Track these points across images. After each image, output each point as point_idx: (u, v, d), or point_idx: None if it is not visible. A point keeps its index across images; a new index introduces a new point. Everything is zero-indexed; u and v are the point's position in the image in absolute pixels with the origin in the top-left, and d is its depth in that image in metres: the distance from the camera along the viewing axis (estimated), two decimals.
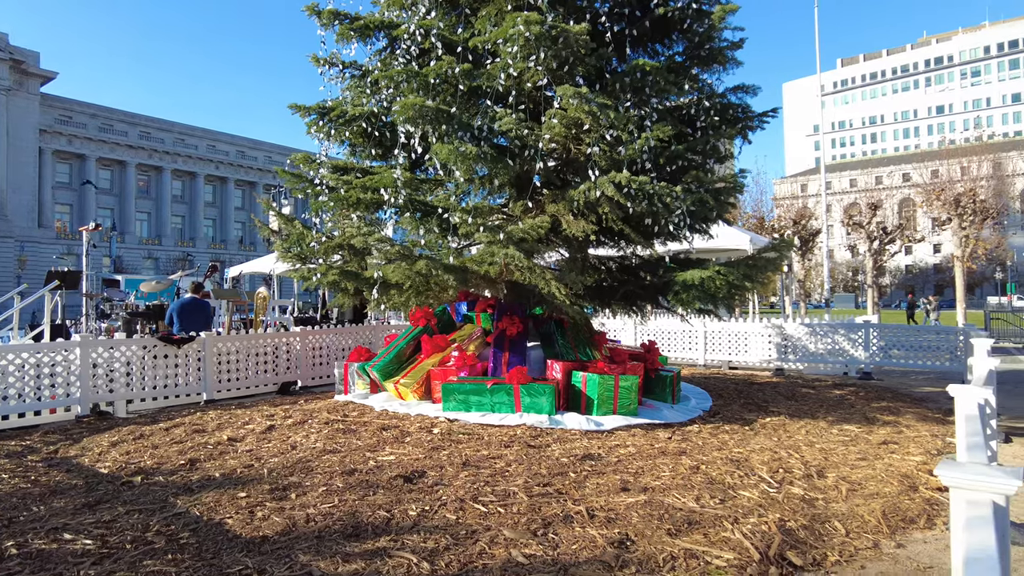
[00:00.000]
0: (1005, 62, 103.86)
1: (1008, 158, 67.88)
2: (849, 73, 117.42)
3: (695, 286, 6.83)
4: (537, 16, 6.17)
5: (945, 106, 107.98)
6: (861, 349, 11.75)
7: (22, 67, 50.42)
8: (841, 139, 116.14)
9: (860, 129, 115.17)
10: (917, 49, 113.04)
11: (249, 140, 69.00)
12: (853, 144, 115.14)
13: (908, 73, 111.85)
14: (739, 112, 8.06)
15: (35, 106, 51.86)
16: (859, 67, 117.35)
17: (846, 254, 75.14)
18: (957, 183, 36.18)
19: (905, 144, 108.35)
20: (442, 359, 7.65)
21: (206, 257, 62.60)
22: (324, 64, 8.21)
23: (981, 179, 40.25)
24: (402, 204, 7.11)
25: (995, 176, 49.57)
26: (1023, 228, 59.68)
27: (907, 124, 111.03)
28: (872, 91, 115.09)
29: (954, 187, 31.21)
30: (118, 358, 8.06)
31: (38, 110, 52.10)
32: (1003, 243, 53.66)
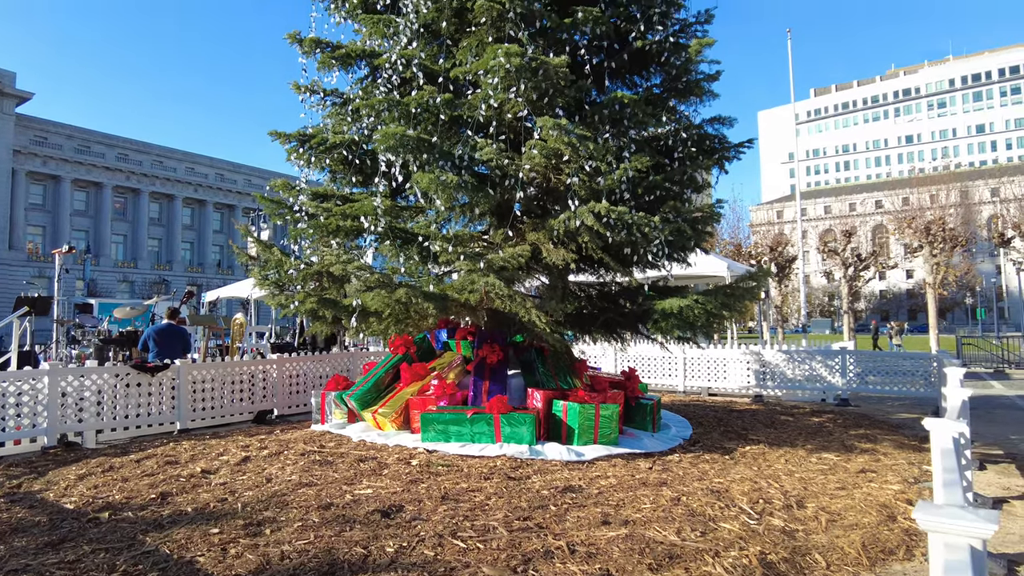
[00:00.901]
0: (969, 94, 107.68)
1: (975, 187, 69.97)
2: (822, 103, 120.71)
3: (674, 314, 6.88)
4: (517, 48, 6.26)
5: (914, 136, 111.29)
6: (838, 375, 11.88)
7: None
8: (815, 167, 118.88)
9: (833, 157, 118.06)
10: (886, 81, 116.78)
11: (229, 163, 68.59)
12: (827, 172, 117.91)
13: (878, 104, 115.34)
14: (716, 143, 8.21)
15: (9, 127, 51.15)
16: (831, 97, 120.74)
17: (822, 280, 76.37)
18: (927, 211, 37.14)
19: (877, 172, 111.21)
20: (421, 388, 7.57)
21: (183, 281, 61.72)
22: (305, 92, 8.23)
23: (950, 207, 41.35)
24: (382, 232, 7.09)
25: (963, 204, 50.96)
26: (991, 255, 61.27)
27: (878, 153, 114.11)
28: (845, 120, 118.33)
29: (924, 215, 32.01)
30: (89, 387, 7.85)
31: (12, 131, 51.38)
32: (972, 270, 54.97)
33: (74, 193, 56.59)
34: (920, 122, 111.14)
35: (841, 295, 32.13)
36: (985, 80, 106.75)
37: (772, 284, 29.03)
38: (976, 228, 52.87)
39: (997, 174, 74.96)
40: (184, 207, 64.86)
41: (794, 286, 38.77)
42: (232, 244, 9.72)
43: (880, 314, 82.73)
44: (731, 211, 44.82)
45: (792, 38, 27.44)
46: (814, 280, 77.33)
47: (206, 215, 66.38)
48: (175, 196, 63.22)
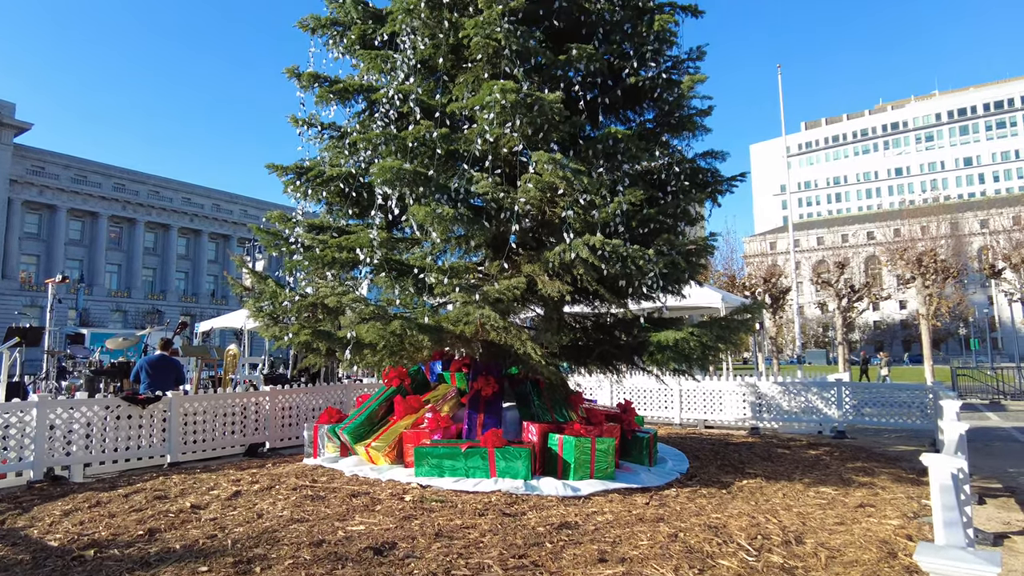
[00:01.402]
0: (956, 128, 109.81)
1: (964, 219, 70.87)
2: (813, 136, 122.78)
3: (669, 347, 6.87)
4: (513, 84, 6.37)
5: (903, 168, 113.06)
6: (834, 408, 11.83)
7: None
8: (807, 198, 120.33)
9: (825, 189, 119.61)
10: (875, 115, 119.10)
11: (225, 193, 68.85)
12: (819, 203, 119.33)
13: (867, 137, 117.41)
14: (708, 176, 8.32)
15: (7, 156, 51.40)
16: (822, 130, 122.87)
17: (816, 311, 76.66)
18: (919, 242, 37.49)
19: (868, 204, 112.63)
20: (415, 421, 7.50)
21: (177, 311, 61.41)
22: (303, 125, 8.33)
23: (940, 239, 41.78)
24: (378, 264, 7.11)
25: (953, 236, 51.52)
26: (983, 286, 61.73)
27: (869, 185, 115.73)
28: (835, 153, 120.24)
29: (916, 247, 32.31)
30: (78, 419, 7.74)
31: (10, 160, 51.62)
32: (964, 300, 55.31)
33: (69, 222, 56.61)
34: (909, 155, 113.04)
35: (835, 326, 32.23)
36: (971, 114, 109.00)
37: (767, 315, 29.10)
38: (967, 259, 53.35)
39: (985, 206, 76.03)
40: (179, 237, 64.90)
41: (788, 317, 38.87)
42: (227, 275, 9.72)
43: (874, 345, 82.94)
44: (724, 243, 45.10)
45: (782, 73, 27.99)
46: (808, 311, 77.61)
47: (201, 245, 66.40)
48: (171, 226, 63.30)
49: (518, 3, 6.64)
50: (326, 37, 8.68)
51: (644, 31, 7.64)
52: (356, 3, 8.54)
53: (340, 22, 8.67)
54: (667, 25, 7.47)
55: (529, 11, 7.37)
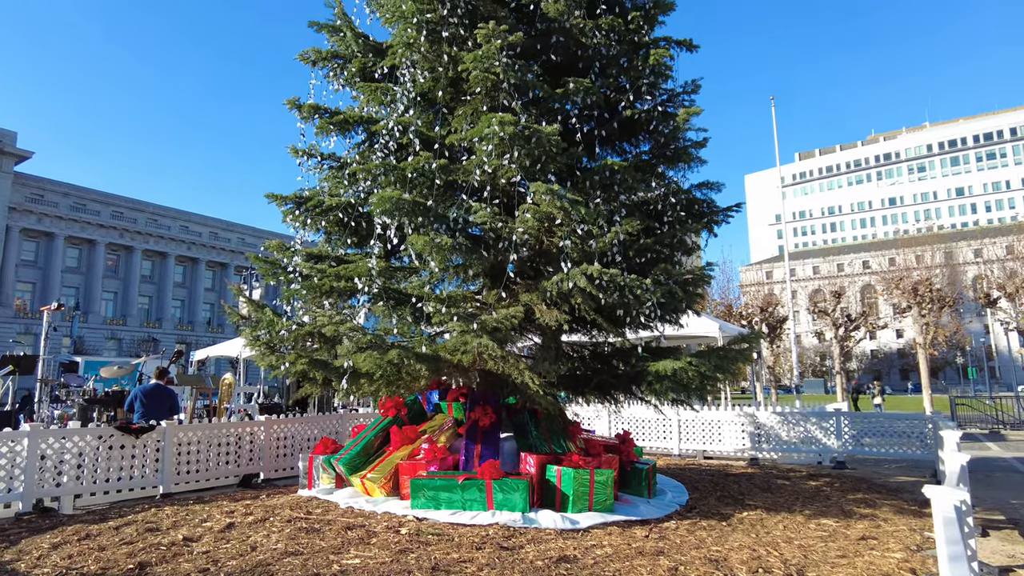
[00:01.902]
0: (947, 159, 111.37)
1: (958, 248, 71.37)
2: (807, 166, 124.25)
3: (668, 377, 6.85)
4: (511, 117, 6.47)
5: (896, 198, 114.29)
6: (833, 438, 11.76)
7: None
8: (803, 228, 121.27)
9: (820, 219, 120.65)
10: (867, 146, 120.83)
11: (222, 222, 69.08)
12: (814, 233, 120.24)
13: (861, 167, 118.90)
14: (704, 207, 8.40)
15: (7, 185, 51.65)
16: (815, 161, 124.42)
17: (813, 340, 76.61)
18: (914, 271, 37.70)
19: (863, 233, 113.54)
20: (412, 452, 7.43)
21: (172, 339, 61.13)
22: (303, 155, 8.40)
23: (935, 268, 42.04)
24: (376, 293, 7.12)
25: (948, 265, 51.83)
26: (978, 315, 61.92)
27: (863, 215, 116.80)
28: (829, 183, 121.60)
29: (911, 276, 32.47)
30: (70, 449, 7.64)
31: (10, 188, 51.86)
32: (961, 329, 55.38)
33: (67, 250, 56.66)
34: (902, 185, 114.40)
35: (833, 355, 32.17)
36: (961, 146, 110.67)
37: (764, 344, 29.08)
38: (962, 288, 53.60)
39: (979, 235, 76.70)
40: (176, 265, 64.92)
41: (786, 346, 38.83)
42: (224, 304, 9.70)
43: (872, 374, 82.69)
44: (721, 272, 45.36)
45: (776, 104, 28.48)
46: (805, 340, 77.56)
47: (198, 273, 66.40)
48: (168, 254, 63.37)
49: (516, 38, 6.77)
50: (327, 69, 8.82)
51: (640, 65, 7.79)
52: (357, 37, 8.71)
53: (341, 55, 8.83)
54: (662, 59, 7.62)
55: (527, 46, 7.53)
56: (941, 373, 71.37)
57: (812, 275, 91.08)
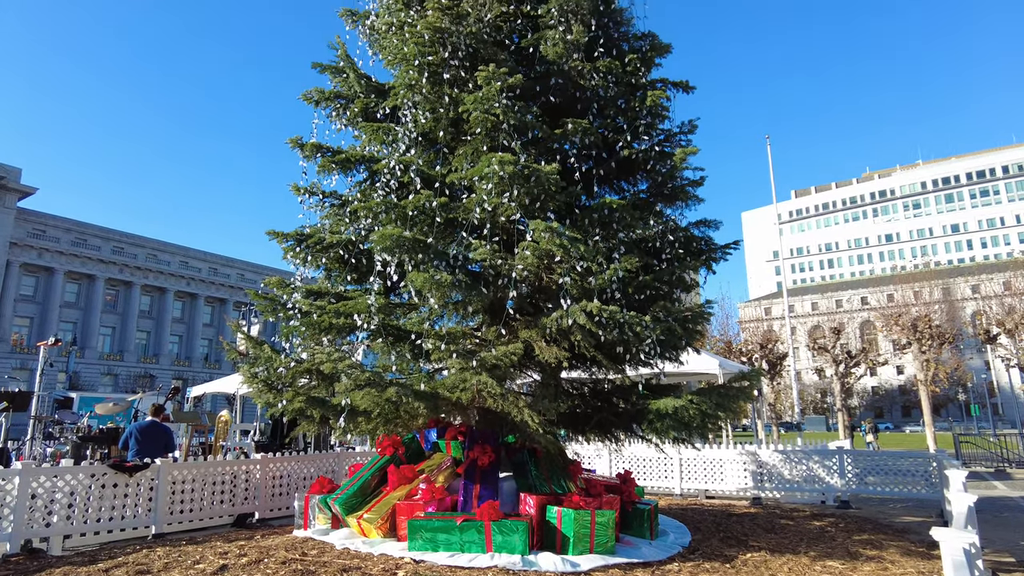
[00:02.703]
0: (941, 196, 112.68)
1: (955, 284, 71.65)
2: (803, 203, 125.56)
3: (669, 415, 6.80)
4: (511, 157, 6.56)
5: (893, 235, 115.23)
6: (837, 476, 11.60)
7: (2, 182, 51.04)
8: (800, 264, 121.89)
9: (817, 255, 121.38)
10: (863, 183, 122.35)
11: (222, 257, 69.33)
12: (811, 269, 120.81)
13: (856, 204, 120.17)
14: (702, 244, 8.46)
15: (10, 220, 51.98)
16: (812, 198, 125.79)
17: (814, 376, 76.26)
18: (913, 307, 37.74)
19: (860, 269, 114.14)
20: (409, 492, 7.31)
21: (169, 374, 60.75)
22: (304, 193, 8.49)
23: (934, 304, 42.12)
24: (375, 329, 7.11)
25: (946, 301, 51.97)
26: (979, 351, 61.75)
27: (860, 251, 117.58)
28: (826, 220, 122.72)
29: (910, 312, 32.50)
30: (61, 487, 7.51)
31: (12, 224, 52.17)
32: (962, 366, 55.20)
33: (66, 284, 56.69)
34: (898, 222, 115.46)
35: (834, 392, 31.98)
36: (955, 183, 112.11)
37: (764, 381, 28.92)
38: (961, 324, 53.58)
39: (976, 271, 77.05)
40: (175, 300, 64.91)
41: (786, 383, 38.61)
42: (223, 340, 9.66)
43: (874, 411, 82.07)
44: (720, 308, 45.39)
45: (771, 143, 28.92)
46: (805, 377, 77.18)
47: (197, 308, 66.33)
48: (167, 289, 63.41)
49: (516, 80, 6.92)
50: (329, 109, 8.98)
51: (637, 106, 7.95)
52: (359, 78, 8.90)
53: (343, 95, 8.99)
54: (659, 101, 7.77)
55: (526, 87, 7.68)
56: (943, 410, 70.82)
57: (811, 311, 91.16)
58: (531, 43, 8.05)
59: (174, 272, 63.80)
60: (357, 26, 9.43)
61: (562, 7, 7.67)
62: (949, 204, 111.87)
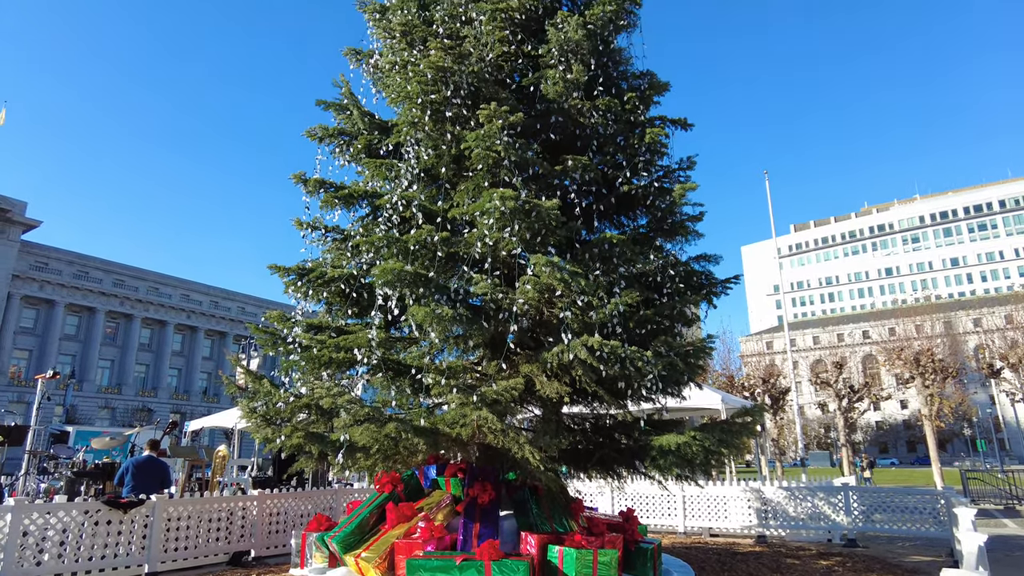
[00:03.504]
0: (940, 230, 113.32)
1: (957, 317, 71.49)
2: (802, 237, 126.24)
3: (671, 451, 6.72)
4: (512, 192, 6.62)
5: (893, 268, 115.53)
6: (843, 514, 11.40)
7: (7, 215, 51.44)
8: (801, 298, 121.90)
9: (817, 289, 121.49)
10: (861, 217, 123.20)
11: (223, 290, 69.41)
12: (812, 303, 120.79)
13: (856, 238, 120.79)
14: (703, 279, 8.48)
15: (13, 253, 52.22)
16: (811, 232, 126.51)
17: (817, 411, 75.57)
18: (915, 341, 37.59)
19: (861, 303, 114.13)
20: (408, 530, 7.18)
21: (167, 408, 60.31)
22: (307, 228, 8.55)
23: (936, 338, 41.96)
24: (375, 364, 7.07)
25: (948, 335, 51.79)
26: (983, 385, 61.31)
27: (860, 285, 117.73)
28: (826, 254, 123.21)
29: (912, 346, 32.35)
30: (54, 525, 7.40)
31: (15, 256, 52.40)
32: (966, 400, 54.74)
33: (66, 317, 56.66)
34: (897, 256, 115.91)
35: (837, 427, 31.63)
36: (952, 217, 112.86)
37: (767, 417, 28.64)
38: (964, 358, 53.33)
39: (976, 305, 77.00)
40: (175, 333, 64.78)
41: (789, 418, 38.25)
42: (222, 374, 9.62)
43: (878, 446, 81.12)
44: (721, 342, 45.14)
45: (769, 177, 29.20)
46: (809, 412, 76.51)
47: (196, 342, 66.15)
48: (167, 322, 63.33)
49: (517, 118, 7.03)
50: (333, 146, 9.10)
51: (636, 143, 8.05)
52: (363, 115, 9.04)
53: (347, 132, 9.13)
54: (658, 138, 7.88)
55: (527, 125, 7.80)
56: (949, 445, 69.98)
57: (812, 345, 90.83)
58: (532, 82, 8.20)
59: (175, 305, 63.80)
60: (361, 64, 9.62)
61: (562, 47, 7.83)
62: (948, 238, 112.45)
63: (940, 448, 30.99)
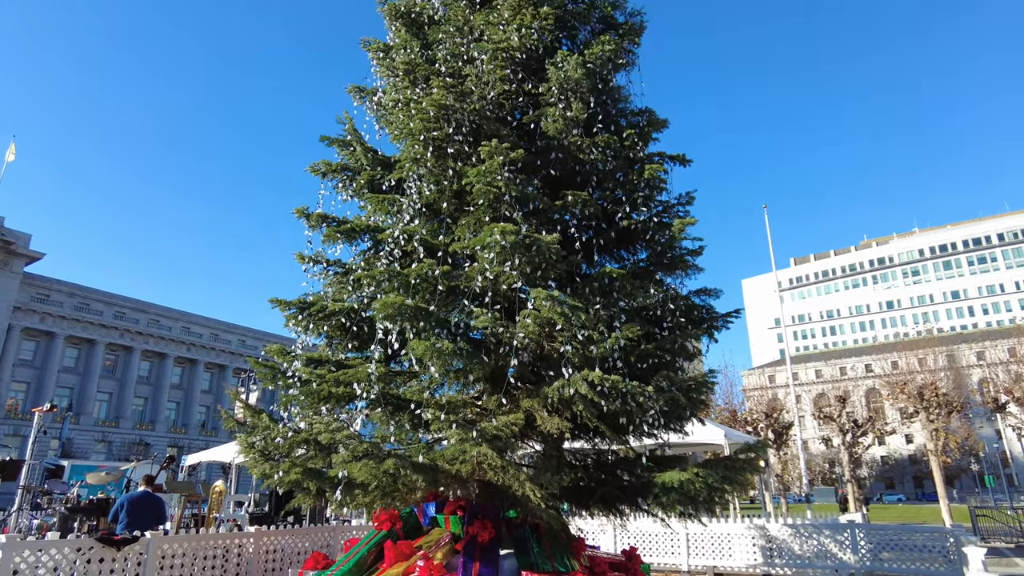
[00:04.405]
0: (940, 263, 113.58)
1: (959, 351, 71.14)
2: (803, 271, 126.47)
3: (675, 488, 6.64)
4: (512, 227, 6.68)
5: (894, 301, 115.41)
6: (849, 552, 11.18)
7: (11, 248, 51.72)
8: (802, 332, 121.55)
9: (819, 322, 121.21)
10: (861, 250, 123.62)
11: (224, 323, 69.29)
12: (814, 336, 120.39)
13: (856, 272, 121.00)
14: (704, 313, 8.49)
15: (15, 285, 52.34)
16: (811, 265, 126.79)
17: (821, 446, 74.62)
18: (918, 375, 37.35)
19: (863, 336, 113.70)
20: (406, 569, 7.03)
21: (164, 442, 59.69)
22: (309, 261, 8.60)
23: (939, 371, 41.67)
24: (374, 399, 7.04)
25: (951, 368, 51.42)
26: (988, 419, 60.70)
27: (862, 318, 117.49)
28: (826, 287, 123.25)
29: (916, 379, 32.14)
30: (45, 563, 7.25)
31: (17, 289, 52.50)
32: (972, 435, 54.08)
33: (66, 349, 56.46)
34: (898, 289, 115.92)
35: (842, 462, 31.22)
36: (952, 250, 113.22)
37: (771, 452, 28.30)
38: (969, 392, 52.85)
39: (979, 338, 76.71)
40: (175, 366, 64.48)
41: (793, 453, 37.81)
42: (221, 408, 9.56)
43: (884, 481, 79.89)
44: (723, 376, 44.91)
45: (768, 211, 29.44)
46: (813, 446, 75.57)
47: (196, 374, 65.81)
48: (167, 355, 63.10)
49: (517, 155, 7.13)
50: (336, 181, 9.22)
51: (635, 179, 8.15)
52: (366, 151, 9.17)
53: (350, 168, 9.25)
54: (657, 174, 7.98)
55: (528, 161, 7.91)
56: (957, 481, 68.89)
57: (815, 379, 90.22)
58: (532, 119, 8.34)
59: (175, 338, 63.64)
60: (365, 102, 9.80)
61: (562, 86, 7.98)
62: (948, 271, 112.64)
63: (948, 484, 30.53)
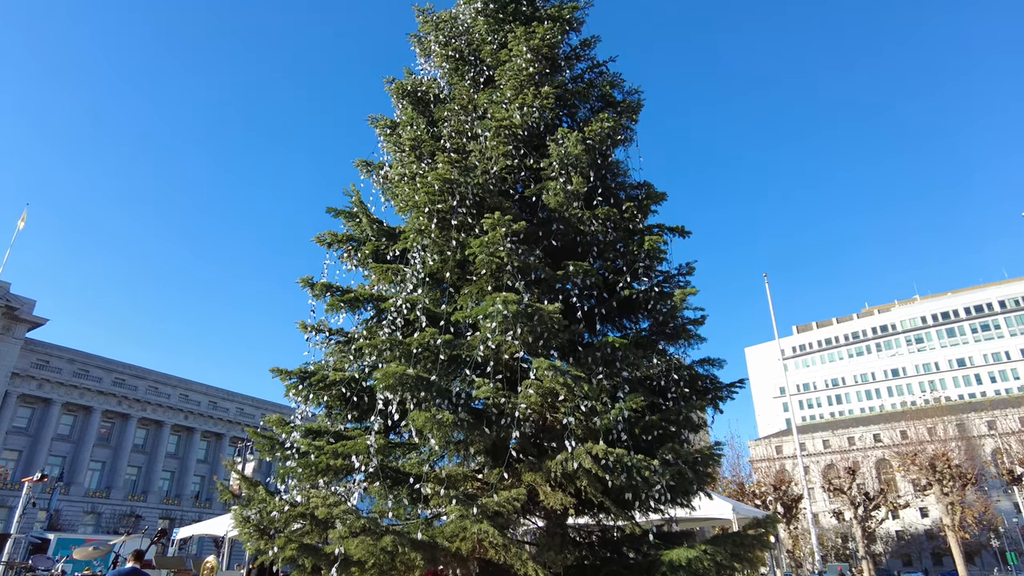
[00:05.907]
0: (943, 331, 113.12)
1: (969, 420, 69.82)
2: (806, 339, 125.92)
3: (683, 567, 6.40)
4: (515, 296, 6.74)
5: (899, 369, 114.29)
6: None
7: (15, 313, 51.87)
8: (808, 400, 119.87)
9: (824, 391, 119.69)
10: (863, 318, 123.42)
11: (223, 391, 68.59)
12: (820, 406, 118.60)
13: (859, 340, 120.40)
14: (708, 383, 8.42)
15: (16, 351, 52.17)
16: (814, 333, 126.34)
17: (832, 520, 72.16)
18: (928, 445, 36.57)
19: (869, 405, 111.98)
20: None
21: (156, 513, 57.94)
22: (311, 330, 8.62)
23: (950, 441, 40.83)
24: (373, 472, 6.89)
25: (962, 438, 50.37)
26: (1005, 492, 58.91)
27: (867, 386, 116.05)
28: (830, 355, 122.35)
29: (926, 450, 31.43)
30: None
31: (17, 355, 52.30)
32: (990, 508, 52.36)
33: (62, 417, 55.66)
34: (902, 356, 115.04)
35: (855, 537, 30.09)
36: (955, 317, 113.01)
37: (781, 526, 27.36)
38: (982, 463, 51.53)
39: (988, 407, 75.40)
40: (171, 434, 63.36)
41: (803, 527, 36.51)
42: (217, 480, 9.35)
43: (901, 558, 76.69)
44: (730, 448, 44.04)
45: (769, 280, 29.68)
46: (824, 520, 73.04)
47: (192, 443, 64.58)
48: (164, 423, 62.13)
49: (519, 227, 7.28)
50: (341, 251, 9.36)
51: (635, 249, 8.28)
52: (372, 223, 9.36)
53: (355, 238, 9.42)
54: (656, 244, 8.11)
55: (530, 232, 8.06)
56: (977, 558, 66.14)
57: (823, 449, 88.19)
58: (534, 193, 8.55)
59: (172, 405, 62.83)
60: (371, 175, 10.09)
61: (562, 161, 8.23)
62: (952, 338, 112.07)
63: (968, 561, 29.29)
